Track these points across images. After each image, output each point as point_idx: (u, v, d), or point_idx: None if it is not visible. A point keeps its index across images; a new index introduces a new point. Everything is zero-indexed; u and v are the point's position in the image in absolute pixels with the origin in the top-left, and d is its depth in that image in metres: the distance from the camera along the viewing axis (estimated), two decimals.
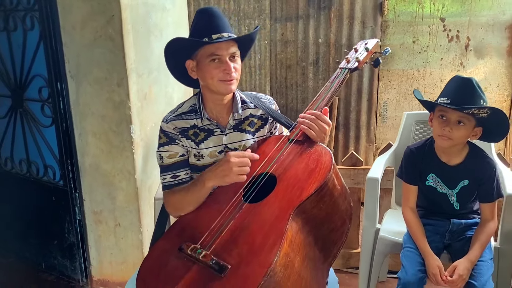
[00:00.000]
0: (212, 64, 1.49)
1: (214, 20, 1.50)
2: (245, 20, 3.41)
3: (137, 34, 2.03)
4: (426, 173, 1.80)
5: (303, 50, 3.38)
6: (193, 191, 1.50)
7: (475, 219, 1.83)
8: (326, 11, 3.29)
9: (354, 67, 1.67)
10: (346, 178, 2.41)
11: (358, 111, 3.40)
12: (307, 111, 1.56)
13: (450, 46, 3.22)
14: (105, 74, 1.98)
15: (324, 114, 1.53)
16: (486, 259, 1.71)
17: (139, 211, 2.14)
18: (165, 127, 1.58)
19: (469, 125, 1.66)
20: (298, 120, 1.54)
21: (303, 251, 1.36)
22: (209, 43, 1.48)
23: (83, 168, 2.16)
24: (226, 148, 1.62)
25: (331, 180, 1.40)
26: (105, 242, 2.25)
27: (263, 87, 3.51)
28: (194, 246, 1.37)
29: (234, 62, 1.52)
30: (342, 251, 2.50)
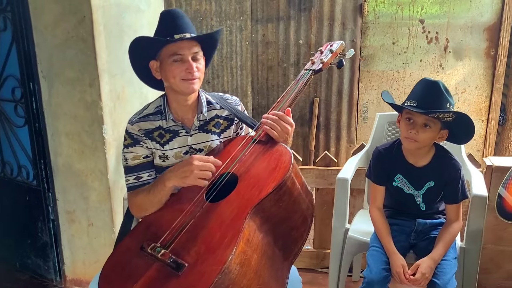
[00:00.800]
0: (174, 64, 1.53)
1: (177, 21, 1.54)
2: (227, 21, 3.45)
3: (110, 35, 2.06)
4: (393, 174, 1.84)
5: (284, 51, 3.42)
6: (154, 191, 1.53)
7: (441, 219, 1.87)
8: (306, 13, 3.33)
9: (318, 69, 1.72)
10: (319, 179, 2.47)
11: (339, 112, 3.44)
12: (271, 111, 1.60)
13: (430, 48, 3.27)
14: (77, 75, 2.02)
15: (287, 115, 1.57)
16: (449, 258, 1.75)
17: (111, 210, 2.17)
18: (130, 128, 1.61)
19: (435, 128, 1.70)
20: (261, 120, 1.58)
21: (261, 249, 1.40)
22: (170, 42, 1.51)
23: (56, 168, 2.19)
24: (191, 149, 1.65)
25: (290, 179, 1.44)
26: (78, 242, 2.28)
27: (244, 88, 3.55)
28: (154, 245, 1.41)
29: (197, 62, 1.55)
30: (316, 251, 2.57)
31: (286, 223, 1.48)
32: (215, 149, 1.67)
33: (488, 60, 3.23)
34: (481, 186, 1.94)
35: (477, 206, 1.88)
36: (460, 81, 3.28)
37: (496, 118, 3.30)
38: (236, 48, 3.48)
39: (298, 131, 3.54)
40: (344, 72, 3.36)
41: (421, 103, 1.66)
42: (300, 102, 3.47)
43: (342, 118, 3.44)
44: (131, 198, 1.62)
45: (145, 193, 1.56)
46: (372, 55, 3.36)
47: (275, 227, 1.46)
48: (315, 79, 3.42)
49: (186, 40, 1.52)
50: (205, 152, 1.67)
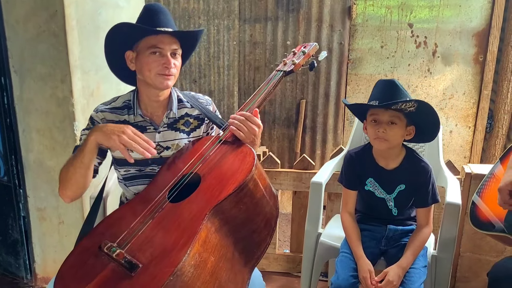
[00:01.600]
0: (152, 57, 1.51)
1: (160, 15, 1.54)
2: (214, 20, 3.45)
3: (83, 31, 2.05)
4: (365, 178, 1.84)
5: (272, 52, 3.42)
6: (78, 151, 1.48)
7: (412, 225, 1.86)
8: (294, 14, 3.33)
9: (289, 70, 1.71)
10: (297, 182, 2.45)
11: (325, 115, 3.43)
12: (238, 112, 1.59)
13: (418, 52, 3.27)
14: (48, 70, 2.01)
15: (254, 116, 1.56)
16: (418, 266, 1.74)
17: (82, 209, 2.16)
18: (94, 115, 1.60)
19: (401, 124, 1.70)
20: (229, 121, 1.57)
21: (219, 252, 1.38)
22: (153, 32, 1.50)
23: (27, 164, 2.18)
24: (158, 146, 1.64)
25: (253, 180, 1.42)
26: (49, 240, 2.27)
27: (231, 88, 3.54)
28: (110, 245, 1.39)
29: (175, 59, 1.55)
30: (292, 255, 2.55)
31: (247, 226, 1.46)
32: (182, 148, 1.66)
33: (477, 66, 3.23)
34: (455, 194, 1.93)
35: (450, 213, 1.86)
36: (448, 87, 3.27)
37: (483, 125, 3.29)
38: (224, 47, 3.48)
39: (284, 133, 3.53)
40: (331, 75, 3.35)
41: (382, 101, 1.67)
42: (287, 104, 3.47)
43: (328, 121, 3.44)
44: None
45: (69, 159, 1.51)
46: (360, 58, 3.35)
47: (236, 229, 1.44)
48: (302, 81, 3.41)
49: (167, 35, 1.51)
50: (172, 150, 1.66)
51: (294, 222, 2.54)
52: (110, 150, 1.63)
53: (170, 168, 1.62)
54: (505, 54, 3.15)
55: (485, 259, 2.32)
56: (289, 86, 3.46)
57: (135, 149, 1.41)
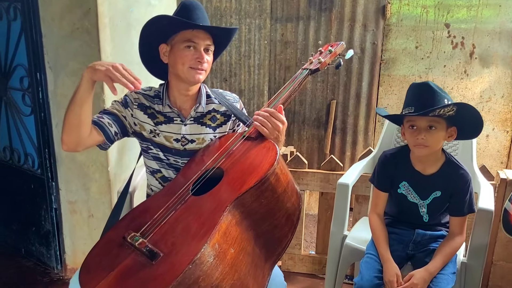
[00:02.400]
0: (186, 50, 1.58)
1: (197, 11, 1.61)
2: (246, 19, 3.50)
3: (115, 28, 2.14)
4: (399, 181, 1.80)
5: (303, 51, 3.44)
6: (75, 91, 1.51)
7: (442, 231, 1.82)
8: (327, 13, 3.34)
9: (315, 69, 1.73)
10: (324, 183, 2.46)
11: (356, 116, 3.42)
12: (263, 108, 1.62)
13: (454, 53, 3.21)
14: (81, 66, 2.09)
15: (279, 112, 1.59)
16: (447, 272, 1.70)
17: (111, 203, 2.24)
18: (129, 94, 1.69)
19: (440, 128, 1.66)
20: (253, 117, 1.61)
21: (239, 244, 1.41)
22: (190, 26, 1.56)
23: (60, 158, 2.28)
24: (184, 138, 1.70)
25: (274, 175, 1.45)
26: (79, 232, 2.36)
27: (261, 87, 3.58)
28: (133, 234, 1.45)
29: (207, 55, 1.61)
30: (318, 256, 2.55)
31: (268, 221, 1.49)
32: (209, 144, 1.71)
33: None
34: (488, 200, 1.87)
35: (482, 220, 1.80)
36: (486, 89, 3.20)
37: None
38: (255, 46, 3.53)
39: (314, 133, 3.54)
40: (363, 75, 3.34)
41: (418, 107, 1.63)
42: (317, 104, 3.48)
43: (359, 122, 3.42)
44: None
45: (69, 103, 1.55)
46: (394, 59, 3.32)
47: (257, 223, 1.47)
48: (333, 82, 3.41)
49: (202, 31, 1.58)
50: (197, 144, 1.72)
51: (320, 224, 2.55)
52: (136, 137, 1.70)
53: (195, 162, 1.68)
54: None
55: None
56: (319, 86, 3.47)
57: (120, 82, 1.43)
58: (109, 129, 1.64)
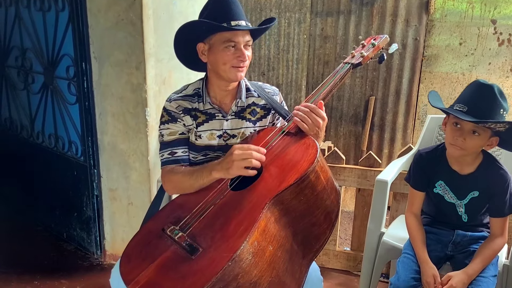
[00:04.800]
0: (227, 50, 1.53)
1: (232, 7, 1.55)
2: (286, 13, 3.44)
3: (159, 20, 2.12)
4: (435, 180, 1.73)
5: (342, 46, 3.35)
6: (197, 176, 1.55)
7: (483, 232, 1.74)
8: (368, 7, 3.23)
9: (357, 63, 1.65)
10: (361, 179, 2.39)
11: (395, 113, 3.31)
12: (303, 103, 1.57)
13: (500, 51, 3.05)
14: (125, 57, 2.09)
15: (319, 108, 1.53)
16: (488, 275, 1.63)
17: (150, 192, 2.24)
18: (168, 106, 1.65)
19: (484, 136, 1.57)
20: (293, 112, 1.55)
21: (277, 242, 1.38)
22: (229, 29, 1.52)
23: (102, 146, 2.30)
24: (225, 134, 1.67)
25: (314, 173, 1.40)
26: (118, 219, 2.38)
27: (299, 82, 3.51)
28: (173, 227, 1.44)
29: (247, 51, 1.56)
30: (353, 253, 2.49)
31: (307, 218, 1.44)
32: (247, 137, 1.67)
33: None
34: None
35: None
36: None
37: None
38: (294, 41, 3.46)
39: (351, 129, 3.45)
40: (403, 72, 3.22)
41: (471, 108, 1.52)
42: (355, 100, 3.39)
43: (398, 119, 3.31)
44: (165, 173, 1.65)
45: (187, 174, 1.58)
46: (436, 55, 3.19)
47: (295, 221, 1.43)
48: (372, 77, 3.31)
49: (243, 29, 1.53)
50: (238, 138, 1.68)
51: (357, 220, 2.48)
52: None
53: None
54: None
55: None
56: (358, 82, 3.37)
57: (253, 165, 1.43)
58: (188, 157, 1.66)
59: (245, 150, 1.43)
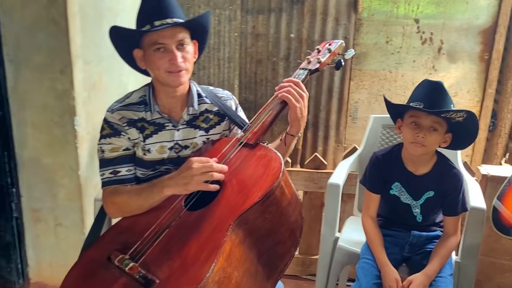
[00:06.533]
0: (157, 54, 1.34)
1: (158, 5, 1.34)
2: (215, 10, 3.25)
3: (86, 18, 1.85)
4: (391, 182, 1.69)
5: (274, 44, 3.23)
6: (147, 196, 1.34)
7: (437, 232, 1.73)
8: (299, 5, 3.15)
9: (314, 69, 1.55)
10: (309, 182, 2.30)
11: (328, 111, 3.28)
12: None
13: (423, 49, 3.13)
14: (47, 60, 1.80)
15: None
16: (445, 275, 1.62)
17: (82, 210, 1.97)
18: (110, 117, 1.42)
19: (441, 131, 1.57)
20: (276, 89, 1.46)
21: (243, 266, 1.22)
22: (148, 32, 1.32)
23: (22, 161, 1.97)
24: (177, 145, 1.48)
25: (279, 188, 1.27)
26: (44, 242, 2.07)
27: (231, 81, 3.35)
28: (122, 257, 1.23)
29: (183, 51, 1.36)
30: (301, 257, 2.40)
31: (272, 237, 1.31)
32: (199, 150, 1.49)
33: (482, 64, 3.11)
34: (479, 198, 1.81)
35: (475, 219, 1.74)
36: (453, 85, 3.15)
37: (486, 124, 3.18)
38: (224, 39, 3.29)
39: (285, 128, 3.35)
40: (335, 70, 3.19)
41: (427, 104, 1.52)
42: None
43: (331, 117, 3.28)
44: (107, 195, 1.43)
45: (132, 194, 1.37)
46: (365, 54, 3.20)
47: (260, 241, 1.28)
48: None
49: (169, 27, 1.33)
50: (190, 150, 1.50)
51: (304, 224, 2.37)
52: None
53: None
54: (510, 52, 3.03)
55: (499, 263, 2.20)
56: None
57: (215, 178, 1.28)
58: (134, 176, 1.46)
59: (204, 163, 1.26)
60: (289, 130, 1.50)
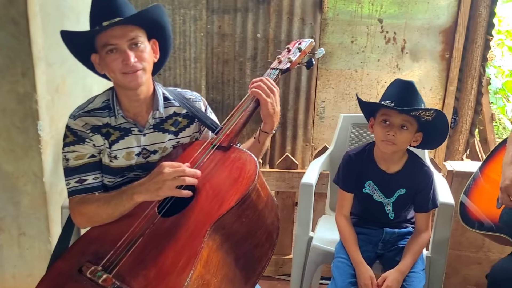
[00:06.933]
0: (110, 56, 1.29)
1: (107, 5, 1.28)
2: (180, 9, 3.19)
3: (48, 18, 1.76)
4: (364, 180, 1.70)
5: (241, 44, 3.21)
6: (116, 204, 1.29)
7: (408, 228, 1.75)
8: (265, 5, 3.13)
9: (285, 68, 1.53)
10: (280, 182, 2.29)
11: (296, 110, 3.28)
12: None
13: (387, 48, 3.18)
14: (6, 62, 1.70)
15: None
16: (418, 270, 1.64)
17: (47, 218, 1.88)
18: (73, 124, 1.36)
19: (411, 130, 1.59)
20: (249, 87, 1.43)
21: (221, 272, 1.19)
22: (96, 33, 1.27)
23: None
24: (145, 150, 1.42)
25: (255, 191, 1.24)
26: (6, 253, 1.96)
27: (198, 82, 3.30)
28: (94, 268, 1.17)
29: (136, 50, 1.29)
30: (274, 257, 2.38)
31: (249, 241, 1.28)
32: (170, 154, 1.44)
33: (443, 63, 3.19)
34: (447, 193, 1.84)
35: (444, 214, 1.77)
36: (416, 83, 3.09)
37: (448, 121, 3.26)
38: (190, 39, 3.23)
39: (253, 128, 3.33)
40: (302, 69, 3.19)
41: (398, 103, 1.54)
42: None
43: (299, 117, 3.28)
44: (75, 205, 1.37)
45: (101, 203, 1.31)
46: (331, 53, 3.22)
47: (237, 245, 1.26)
48: None
49: (118, 26, 1.26)
50: (159, 154, 1.45)
51: None
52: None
53: None
54: (469, 51, 3.13)
55: (465, 255, 2.26)
56: None
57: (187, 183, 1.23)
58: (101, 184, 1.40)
59: (176, 168, 1.22)
60: (262, 127, 1.47)
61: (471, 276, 2.28)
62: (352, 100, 3.24)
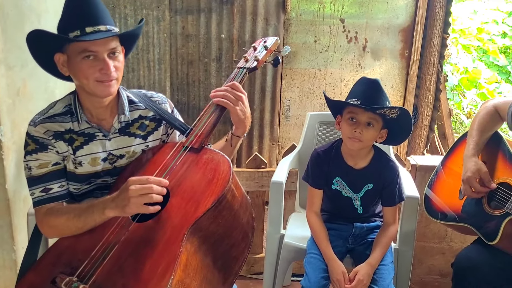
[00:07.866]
0: (86, 62, 1.25)
1: (88, 8, 1.25)
2: (142, 10, 3.13)
3: (7, 19, 1.69)
4: (332, 177, 1.73)
5: (206, 45, 3.19)
6: (87, 217, 1.25)
7: (377, 222, 1.80)
8: (228, 6, 3.13)
9: (252, 67, 1.53)
10: (250, 181, 2.29)
11: (262, 110, 3.29)
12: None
13: (349, 47, 3.24)
14: None
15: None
16: (387, 262, 1.69)
17: (11, 226, 1.80)
18: (33, 131, 1.31)
19: (377, 127, 1.62)
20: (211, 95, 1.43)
21: (200, 275, 1.19)
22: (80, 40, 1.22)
23: None
24: (111, 155, 1.39)
25: (230, 191, 1.25)
26: None
27: (162, 83, 3.25)
28: (69, 279, 1.14)
29: (114, 60, 1.28)
30: None
31: (226, 241, 1.28)
32: (140, 159, 1.41)
33: (403, 61, 3.29)
34: (412, 187, 1.91)
35: (410, 207, 1.83)
36: None
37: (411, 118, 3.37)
38: (153, 40, 3.18)
39: (220, 129, 3.32)
40: (267, 69, 3.21)
41: (364, 101, 1.57)
42: None
43: (265, 116, 3.30)
44: (43, 216, 1.32)
45: (71, 216, 1.27)
46: (295, 53, 3.25)
47: (214, 246, 1.25)
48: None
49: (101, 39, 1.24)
50: (127, 159, 1.42)
51: None
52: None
53: None
54: (427, 50, 3.24)
55: (429, 246, 2.35)
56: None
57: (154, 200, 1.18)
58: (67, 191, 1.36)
59: (143, 184, 1.17)
60: (234, 131, 1.47)
61: (435, 266, 2.37)
62: (317, 99, 3.29)
